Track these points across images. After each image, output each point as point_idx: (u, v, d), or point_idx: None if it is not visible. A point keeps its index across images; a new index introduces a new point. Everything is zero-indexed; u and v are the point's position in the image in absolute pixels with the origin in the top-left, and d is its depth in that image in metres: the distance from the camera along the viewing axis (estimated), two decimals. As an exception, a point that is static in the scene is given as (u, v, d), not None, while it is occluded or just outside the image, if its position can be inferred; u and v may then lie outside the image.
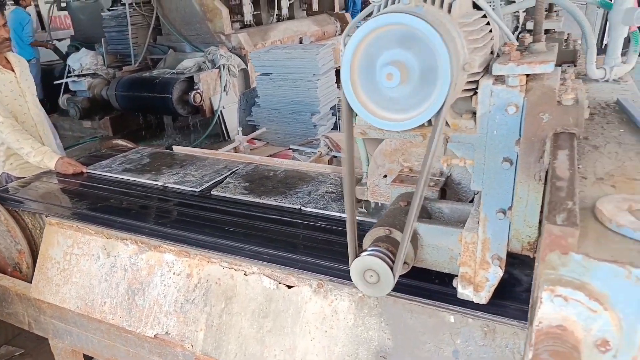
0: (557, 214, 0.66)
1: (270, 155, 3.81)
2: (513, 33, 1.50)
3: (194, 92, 5.60)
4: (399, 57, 1.01)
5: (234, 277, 1.62)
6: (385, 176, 1.58)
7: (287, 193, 2.19)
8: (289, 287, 1.54)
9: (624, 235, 0.67)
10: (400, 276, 1.20)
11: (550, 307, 0.66)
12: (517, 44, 1.16)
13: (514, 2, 1.65)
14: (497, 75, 1.08)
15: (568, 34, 1.82)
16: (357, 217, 1.33)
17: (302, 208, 2.03)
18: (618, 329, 0.64)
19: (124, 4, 6.52)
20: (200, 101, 5.63)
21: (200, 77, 5.67)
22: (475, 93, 1.12)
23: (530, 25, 1.79)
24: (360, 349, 1.36)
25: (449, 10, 1.06)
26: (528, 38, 1.24)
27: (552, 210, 0.66)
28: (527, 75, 1.08)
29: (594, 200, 0.76)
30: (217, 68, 5.81)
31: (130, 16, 6.50)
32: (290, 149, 4.09)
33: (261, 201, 2.14)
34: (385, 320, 1.34)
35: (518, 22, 1.93)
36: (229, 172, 2.53)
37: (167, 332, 1.69)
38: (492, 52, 1.20)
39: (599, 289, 0.64)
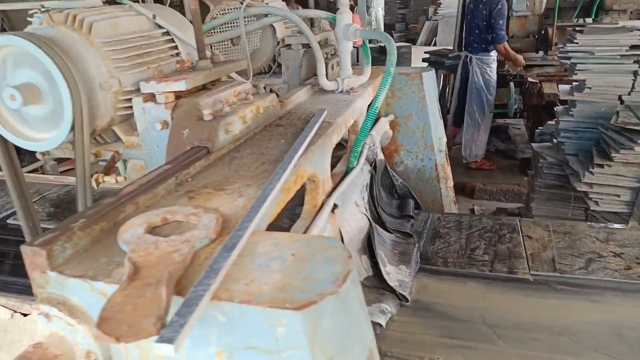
0: (41, 236, 0.67)
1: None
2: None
3: None
4: (22, 78, 1.00)
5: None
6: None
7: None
8: (25, 315, 1.47)
9: (124, 250, 0.69)
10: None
11: (41, 325, 0.67)
12: (187, 61, 1.20)
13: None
14: (150, 93, 1.10)
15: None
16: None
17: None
18: (96, 340, 0.66)
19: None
20: None
21: None
22: (140, 110, 1.14)
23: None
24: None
25: (90, 31, 1.07)
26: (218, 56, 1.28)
27: (35, 233, 0.67)
28: (181, 93, 1.11)
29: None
30: None
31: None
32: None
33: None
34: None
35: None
36: (39, 197, 2.41)
37: None
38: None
39: (78, 303, 0.66)
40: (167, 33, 1.23)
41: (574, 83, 3.15)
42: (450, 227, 1.70)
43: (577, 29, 2.87)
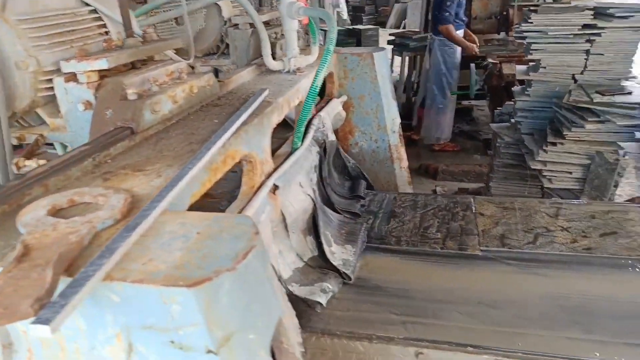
0: None
1: None
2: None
3: None
4: None
5: None
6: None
7: None
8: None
9: (21, 232, 0.66)
10: None
11: None
12: (116, 40, 1.15)
13: None
14: (71, 73, 1.05)
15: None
16: None
17: None
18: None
19: None
20: None
21: None
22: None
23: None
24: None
25: (4, 8, 1.01)
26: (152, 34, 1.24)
27: None
28: (107, 72, 1.07)
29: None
30: None
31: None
32: None
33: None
34: None
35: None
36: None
37: None
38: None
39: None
40: (95, 11, 1.18)
41: (530, 63, 3.20)
42: (405, 206, 1.71)
43: (532, 8, 2.91)
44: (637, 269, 1.30)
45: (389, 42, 5.20)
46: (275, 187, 1.26)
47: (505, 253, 1.40)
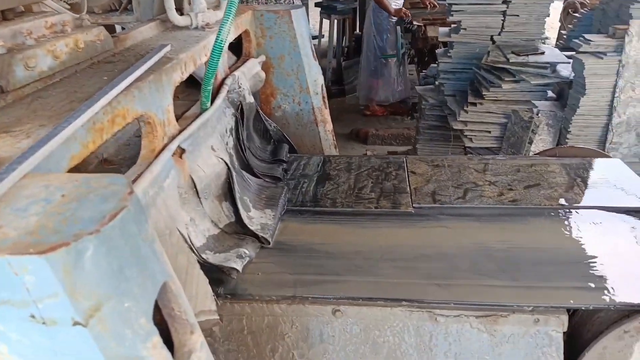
0: None
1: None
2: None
3: None
4: None
5: None
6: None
7: None
8: None
9: None
10: None
11: None
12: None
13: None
14: None
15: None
16: None
17: None
18: None
19: None
20: None
21: None
22: None
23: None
24: None
25: None
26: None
27: None
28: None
29: None
30: None
31: None
32: None
33: None
34: None
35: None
36: None
37: None
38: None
39: None
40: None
41: (452, 25, 3.26)
42: (340, 168, 1.70)
43: (452, -31, 2.93)
44: (559, 217, 1.37)
45: (317, 5, 5.09)
46: (182, 151, 1.18)
47: (437, 209, 1.43)
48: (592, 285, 1.10)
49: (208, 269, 1.15)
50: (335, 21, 5.07)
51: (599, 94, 2.60)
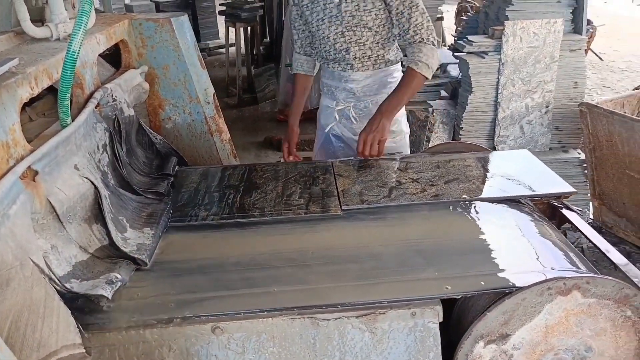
0: None
1: None
2: None
3: None
4: None
5: None
6: None
7: None
8: None
9: None
10: None
11: None
12: None
13: None
14: None
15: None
16: None
17: None
18: None
19: None
20: None
21: None
22: None
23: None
24: None
25: None
26: None
27: None
28: None
29: None
30: None
31: None
32: None
33: None
34: None
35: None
36: None
37: None
38: None
39: None
40: None
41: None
42: (267, 177, 1.68)
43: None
44: (476, 208, 1.45)
45: (220, 13, 5.02)
46: (35, 173, 1.08)
47: (364, 209, 1.46)
48: (467, 273, 1.16)
49: (73, 298, 1.06)
50: (242, 29, 5.02)
51: (484, 91, 2.80)
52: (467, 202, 1.47)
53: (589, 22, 5.12)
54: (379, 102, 1.87)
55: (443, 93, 3.11)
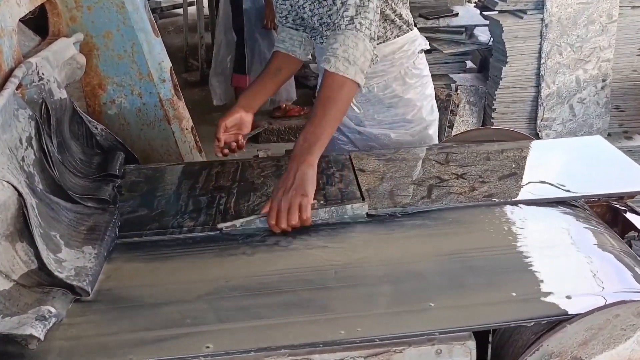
0: None
1: None
2: None
3: None
4: None
5: None
6: None
7: None
8: None
9: None
10: None
11: None
12: None
13: None
14: None
15: None
16: None
17: None
18: None
19: None
20: None
21: None
22: None
23: None
24: None
25: None
26: None
27: None
28: None
29: None
30: None
31: None
32: None
33: None
34: None
35: None
36: None
37: None
38: None
39: None
40: None
41: None
42: (267, 174, 1.69)
43: None
44: (527, 212, 1.47)
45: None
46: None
47: (398, 214, 1.47)
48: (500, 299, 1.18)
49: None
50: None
51: (523, 62, 2.84)
52: (519, 205, 1.50)
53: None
54: (388, 83, 1.88)
55: (469, 64, 3.15)
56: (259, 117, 4.78)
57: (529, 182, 1.59)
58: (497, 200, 1.50)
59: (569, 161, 1.75)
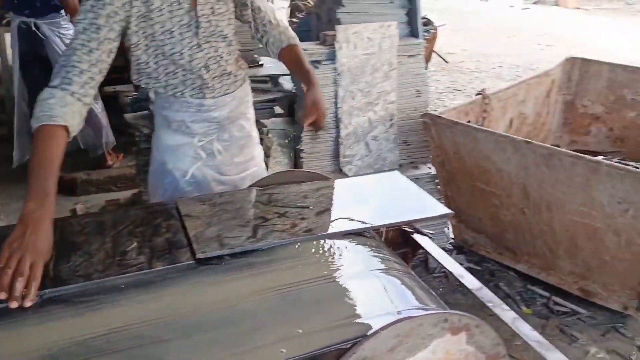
0: None
1: None
2: None
3: None
4: None
5: None
6: None
7: None
8: None
9: None
10: None
11: None
12: None
13: None
14: None
15: None
16: None
17: None
18: None
19: None
20: None
21: None
22: None
23: None
24: None
25: None
26: None
27: None
28: None
29: None
30: None
31: None
32: None
33: None
34: None
35: None
36: None
37: None
38: None
39: None
40: None
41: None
42: (89, 232, 1.59)
43: None
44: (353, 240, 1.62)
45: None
46: None
47: (226, 255, 1.49)
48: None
49: None
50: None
51: (322, 106, 3.13)
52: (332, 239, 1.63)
53: (429, 23, 6.05)
54: (243, 126, 2.09)
55: (278, 109, 3.38)
56: (74, 169, 4.61)
57: (339, 217, 1.74)
58: (315, 234, 1.62)
59: (372, 195, 1.96)
